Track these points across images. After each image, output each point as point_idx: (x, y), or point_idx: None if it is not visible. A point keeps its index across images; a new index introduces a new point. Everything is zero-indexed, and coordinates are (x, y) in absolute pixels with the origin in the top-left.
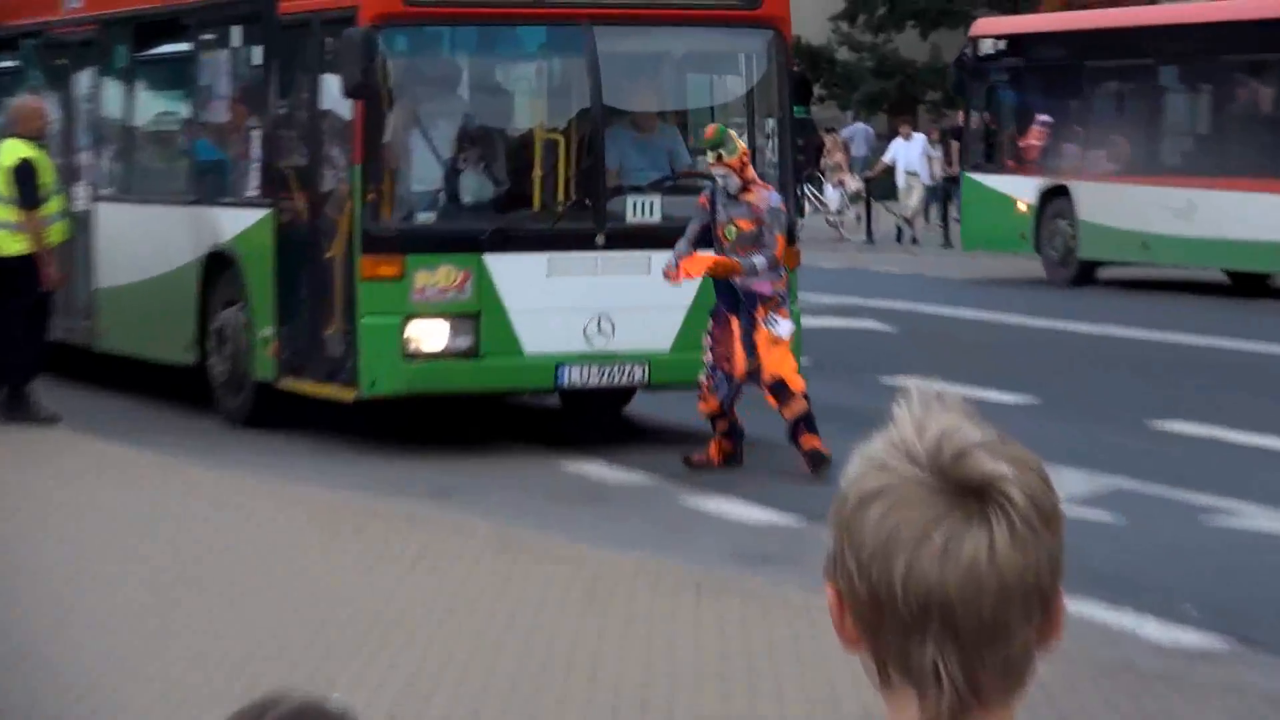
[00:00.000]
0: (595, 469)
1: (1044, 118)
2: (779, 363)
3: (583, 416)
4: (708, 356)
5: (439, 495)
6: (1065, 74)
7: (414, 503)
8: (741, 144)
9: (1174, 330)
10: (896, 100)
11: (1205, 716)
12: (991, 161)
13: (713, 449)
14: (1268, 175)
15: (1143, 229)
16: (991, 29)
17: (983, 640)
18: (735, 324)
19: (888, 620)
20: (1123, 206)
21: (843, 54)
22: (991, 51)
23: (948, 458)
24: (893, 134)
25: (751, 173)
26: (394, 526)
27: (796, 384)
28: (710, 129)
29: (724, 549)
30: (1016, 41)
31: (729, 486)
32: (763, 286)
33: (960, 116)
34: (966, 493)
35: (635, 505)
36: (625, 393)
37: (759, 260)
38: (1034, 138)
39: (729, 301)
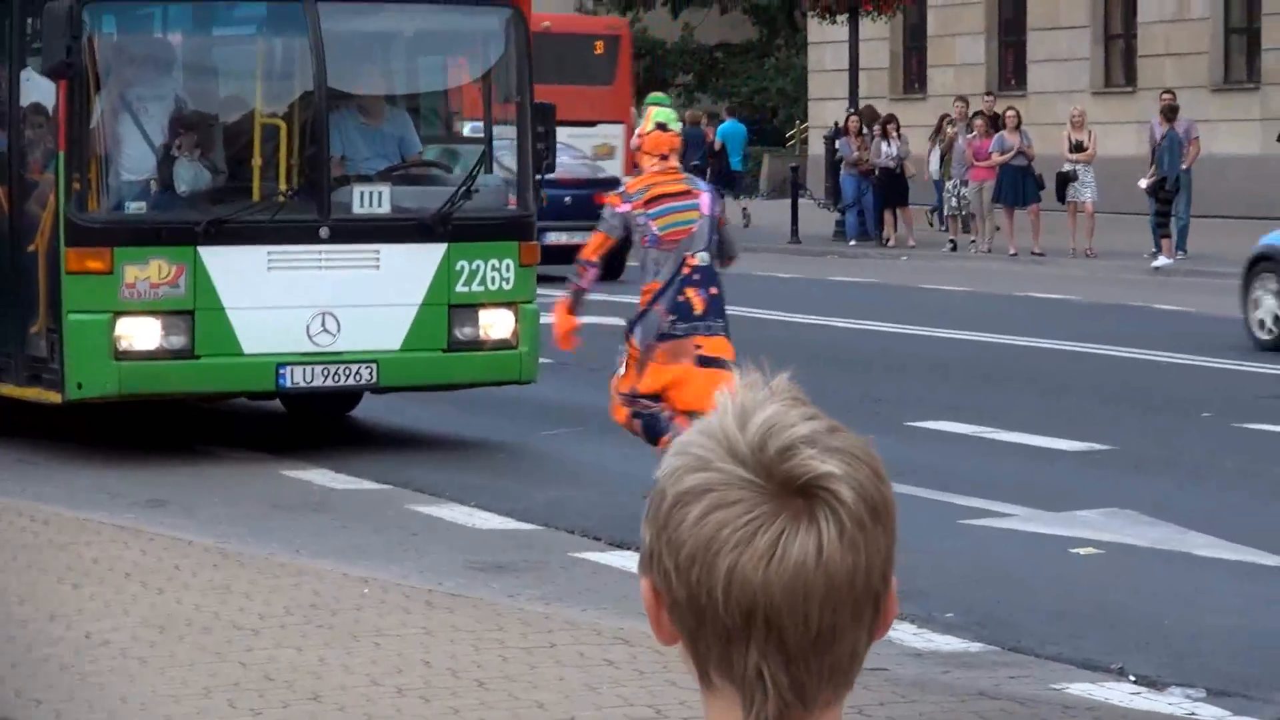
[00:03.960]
0: (319, 476)
1: None
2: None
3: (306, 421)
4: None
5: (152, 506)
6: None
7: (125, 514)
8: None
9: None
10: (645, 83)
11: None
12: None
13: None
14: None
15: None
16: None
17: (809, 647)
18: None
19: (708, 625)
20: None
21: None
22: None
23: (772, 454)
24: None
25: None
26: (104, 540)
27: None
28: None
29: (457, 560)
30: None
31: (463, 493)
32: None
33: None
34: (792, 492)
35: (362, 514)
36: (351, 396)
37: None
38: None
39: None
